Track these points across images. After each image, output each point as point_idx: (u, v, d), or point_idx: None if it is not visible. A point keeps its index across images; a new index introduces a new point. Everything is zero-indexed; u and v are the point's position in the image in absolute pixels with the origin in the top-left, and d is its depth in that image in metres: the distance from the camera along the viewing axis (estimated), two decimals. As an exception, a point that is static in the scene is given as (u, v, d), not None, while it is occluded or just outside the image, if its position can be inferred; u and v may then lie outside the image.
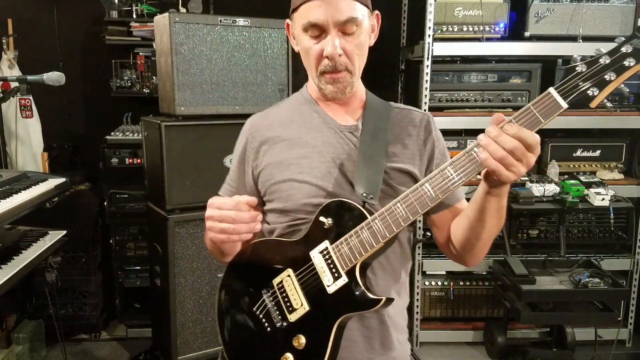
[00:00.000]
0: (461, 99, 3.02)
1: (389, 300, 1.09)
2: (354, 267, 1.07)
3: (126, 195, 3.14)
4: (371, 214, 1.07)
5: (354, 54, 1.15)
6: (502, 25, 2.91)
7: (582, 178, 2.93)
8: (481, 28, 2.91)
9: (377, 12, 1.26)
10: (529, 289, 2.61)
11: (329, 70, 1.14)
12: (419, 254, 3.05)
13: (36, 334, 2.91)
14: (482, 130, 0.92)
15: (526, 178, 2.95)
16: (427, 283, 3.13)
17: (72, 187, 3.03)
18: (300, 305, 1.11)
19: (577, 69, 0.93)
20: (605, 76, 0.91)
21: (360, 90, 1.27)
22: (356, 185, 1.12)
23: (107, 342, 3.21)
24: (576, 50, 2.92)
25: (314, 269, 1.10)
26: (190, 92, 2.27)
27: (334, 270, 1.08)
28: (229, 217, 1.06)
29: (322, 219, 1.10)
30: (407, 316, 1.28)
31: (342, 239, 1.08)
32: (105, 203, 3.17)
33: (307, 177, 1.16)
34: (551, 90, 0.93)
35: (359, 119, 1.23)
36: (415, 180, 1.18)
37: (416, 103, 3.07)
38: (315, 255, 1.10)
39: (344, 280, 1.07)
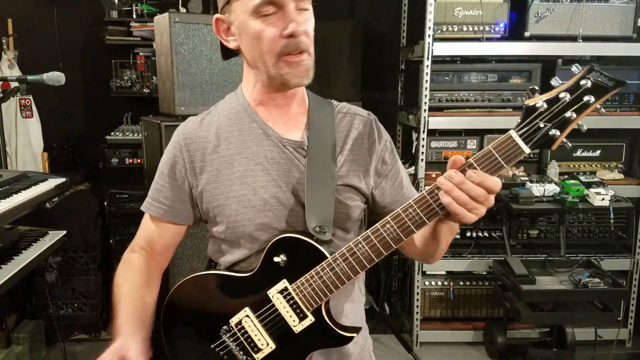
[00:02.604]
0: (461, 99, 3.01)
1: (359, 329, 1.08)
2: (320, 306, 1.03)
3: (126, 195, 3.14)
4: (327, 245, 1.03)
5: (311, 35, 1.03)
6: (502, 25, 2.91)
7: (582, 178, 2.93)
8: (481, 28, 2.91)
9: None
10: (529, 289, 2.61)
11: (292, 50, 0.99)
12: (419, 254, 3.05)
13: (36, 334, 2.90)
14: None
15: (526, 178, 2.95)
16: (427, 283, 3.13)
17: (72, 187, 3.04)
18: (266, 345, 1.06)
19: (537, 107, 0.87)
20: (566, 115, 0.87)
21: (303, 92, 1.16)
22: (308, 218, 1.03)
23: (107, 342, 3.19)
24: (576, 50, 2.93)
25: (276, 309, 1.04)
26: (190, 92, 2.27)
27: (298, 310, 1.03)
28: None
29: (275, 258, 1.03)
30: (363, 314, 1.24)
31: (302, 279, 1.02)
32: (105, 203, 3.17)
33: (254, 200, 1.06)
34: (512, 133, 0.88)
35: (304, 133, 1.11)
36: (361, 194, 1.13)
37: (416, 103, 3.07)
38: (275, 295, 1.04)
39: (310, 320, 1.03)
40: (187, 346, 1.13)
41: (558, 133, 0.87)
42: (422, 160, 2.97)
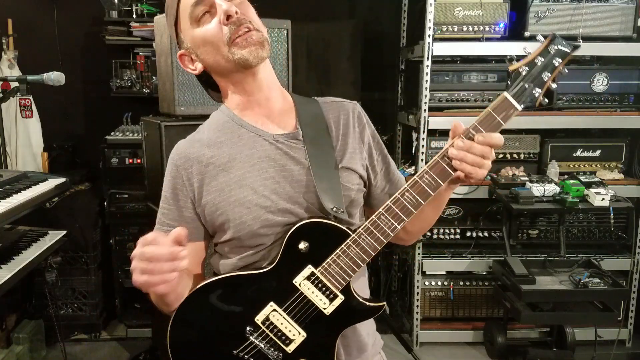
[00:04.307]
0: (461, 99, 3.02)
1: (381, 301, 1.12)
2: (348, 283, 1.06)
3: (126, 195, 3.14)
4: (347, 225, 1.07)
5: (251, 16, 1.08)
6: (502, 25, 2.91)
7: (582, 178, 2.93)
8: (481, 28, 2.91)
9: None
10: (529, 289, 2.61)
11: (233, 29, 1.04)
12: (419, 254, 3.05)
13: (36, 334, 2.91)
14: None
15: (526, 178, 2.95)
16: (427, 283, 3.13)
17: (72, 187, 3.04)
18: (298, 334, 1.07)
19: (521, 71, 1.04)
20: (543, 76, 1.04)
21: (283, 91, 1.20)
22: (323, 200, 1.07)
23: (107, 342, 3.21)
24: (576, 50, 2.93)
25: (305, 297, 1.06)
26: (190, 92, 2.27)
27: (327, 292, 1.06)
28: (147, 256, 0.91)
29: (298, 245, 1.05)
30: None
31: (328, 261, 1.05)
32: (105, 203, 3.17)
33: (255, 199, 1.08)
34: (506, 94, 1.03)
35: (296, 124, 1.15)
36: (359, 176, 1.17)
37: (416, 103, 3.07)
38: (302, 282, 1.06)
39: (341, 299, 1.06)
40: (209, 356, 1.09)
41: (539, 91, 1.04)
42: (422, 160, 2.97)
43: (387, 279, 3.53)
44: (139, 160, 3.09)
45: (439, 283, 3.13)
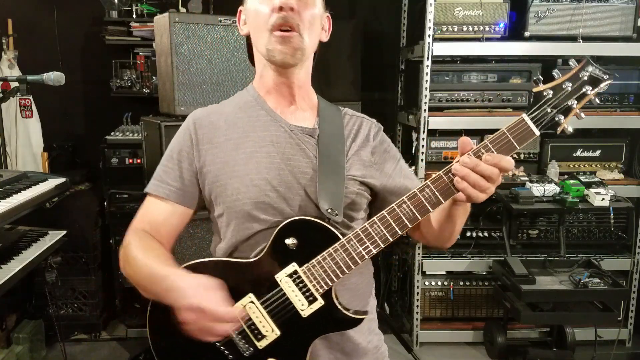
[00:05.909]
0: (461, 99, 3.02)
1: (366, 313, 1.09)
2: (330, 289, 1.04)
3: (126, 195, 3.14)
4: (339, 230, 1.05)
5: (305, 18, 1.07)
6: (502, 25, 2.91)
7: (582, 178, 2.93)
8: (481, 28, 2.91)
9: (328, 14, 1.18)
10: (529, 289, 2.61)
11: (279, 22, 1.04)
12: (419, 254, 3.05)
13: (36, 334, 2.90)
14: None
15: (526, 178, 2.95)
16: (427, 283, 3.13)
17: (72, 187, 3.04)
18: (271, 332, 1.04)
19: (545, 94, 0.97)
20: (569, 103, 0.96)
21: (311, 91, 1.22)
22: (320, 200, 1.05)
23: (107, 342, 3.21)
24: (576, 50, 2.93)
25: (284, 294, 1.03)
26: (190, 92, 2.27)
27: (307, 294, 1.03)
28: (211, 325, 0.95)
29: (285, 240, 1.03)
30: (375, 316, 1.27)
31: (313, 262, 1.03)
32: (105, 203, 3.17)
33: (256, 180, 1.08)
34: (524, 117, 0.96)
35: (315, 122, 1.16)
36: (369, 189, 1.16)
37: (416, 103, 3.07)
38: (283, 279, 1.03)
39: (320, 303, 1.03)
40: (176, 342, 1.08)
41: (562, 118, 0.96)
42: (422, 160, 2.97)
43: (387, 279, 3.53)
44: (139, 160, 3.09)
45: (439, 283, 3.13)
